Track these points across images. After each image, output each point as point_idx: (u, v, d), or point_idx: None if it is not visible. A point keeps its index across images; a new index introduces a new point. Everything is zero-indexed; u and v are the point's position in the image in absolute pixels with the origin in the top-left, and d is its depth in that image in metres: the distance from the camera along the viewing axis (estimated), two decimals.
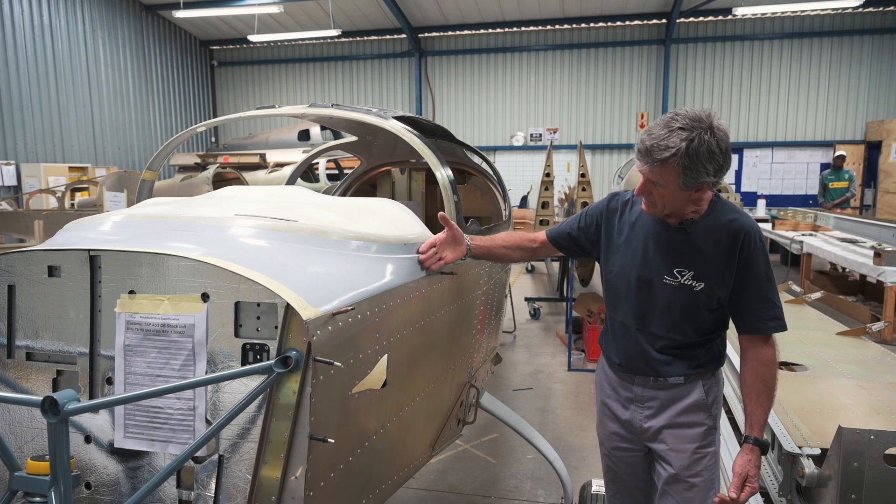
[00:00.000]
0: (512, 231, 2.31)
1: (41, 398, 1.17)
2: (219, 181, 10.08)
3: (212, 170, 10.04)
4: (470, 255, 2.16)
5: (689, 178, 1.70)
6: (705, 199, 1.87)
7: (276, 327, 1.41)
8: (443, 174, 2.45)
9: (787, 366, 3.96)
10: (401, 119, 2.71)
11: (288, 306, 1.40)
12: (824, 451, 2.56)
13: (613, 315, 2.06)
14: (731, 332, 2.01)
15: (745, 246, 1.82)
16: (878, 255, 6.31)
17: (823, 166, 14.82)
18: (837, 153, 11.03)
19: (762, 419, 1.86)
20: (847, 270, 8.01)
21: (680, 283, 1.87)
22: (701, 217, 1.86)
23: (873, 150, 14.81)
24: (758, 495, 2.79)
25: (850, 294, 7.99)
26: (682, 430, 1.96)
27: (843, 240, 8.06)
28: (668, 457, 1.98)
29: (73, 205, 9.99)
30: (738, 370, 1.89)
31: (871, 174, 14.94)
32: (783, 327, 1.85)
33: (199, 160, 11.06)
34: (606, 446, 2.18)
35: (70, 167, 12.31)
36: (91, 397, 1.53)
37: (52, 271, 1.54)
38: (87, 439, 1.52)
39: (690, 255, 1.86)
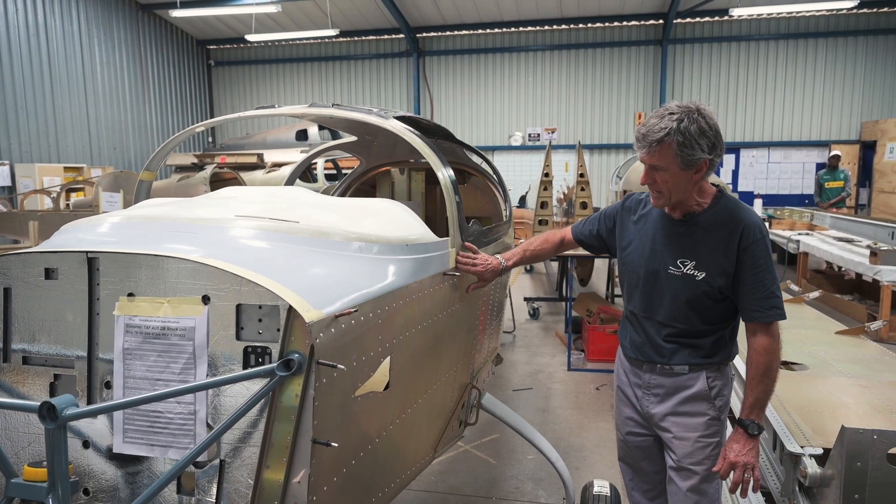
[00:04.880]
0: (540, 234, 2.59)
1: (38, 403, 1.14)
2: (216, 181, 10.02)
3: (209, 170, 9.99)
4: (506, 268, 2.44)
5: (686, 154, 1.84)
6: (708, 193, 2.01)
7: (279, 330, 1.39)
8: (444, 174, 2.43)
9: (787, 365, 3.96)
10: (401, 119, 2.69)
11: (290, 308, 1.38)
12: (826, 450, 2.56)
13: (627, 305, 2.22)
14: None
15: (745, 237, 1.92)
16: (874, 255, 6.33)
17: (819, 166, 14.86)
18: (833, 153, 11.06)
19: (751, 401, 1.94)
20: (843, 269, 8.02)
21: (683, 273, 1.99)
22: (703, 210, 1.99)
23: (868, 149, 14.86)
24: (759, 495, 2.78)
25: (846, 293, 8.01)
26: (685, 419, 2.07)
27: (840, 239, 8.07)
28: (673, 445, 2.10)
29: (68, 205, 9.93)
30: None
31: (866, 174, 14.99)
32: (781, 316, 1.92)
33: (196, 160, 11.01)
34: (622, 431, 2.30)
35: (65, 167, 12.22)
36: (89, 402, 1.50)
37: (49, 273, 1.52)
38: (86, 444, 1.49)
39: (692, 247, 1.99)
